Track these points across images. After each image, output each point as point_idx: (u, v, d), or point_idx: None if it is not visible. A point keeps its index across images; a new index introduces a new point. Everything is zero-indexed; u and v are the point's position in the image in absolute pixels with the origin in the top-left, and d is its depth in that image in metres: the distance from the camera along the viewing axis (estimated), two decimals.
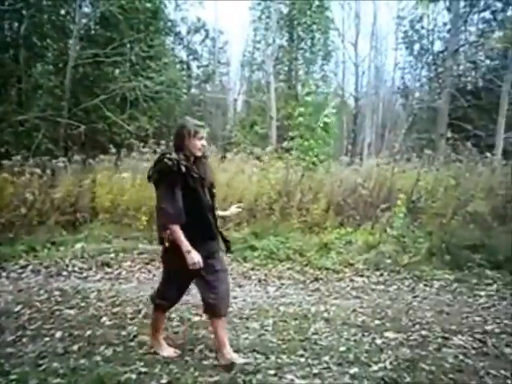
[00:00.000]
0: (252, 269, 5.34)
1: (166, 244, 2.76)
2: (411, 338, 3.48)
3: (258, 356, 3.14)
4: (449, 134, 9.11)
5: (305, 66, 19.34)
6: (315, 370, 2.96)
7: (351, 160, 8.88)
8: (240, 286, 4.83)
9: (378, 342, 3.40)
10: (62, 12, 12.81)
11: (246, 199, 6.68)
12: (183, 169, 2.68)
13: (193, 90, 19.85)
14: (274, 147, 9.03)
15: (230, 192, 6.81)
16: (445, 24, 19.02)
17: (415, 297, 4.49)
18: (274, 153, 8.22)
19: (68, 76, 11.31)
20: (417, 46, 20.32)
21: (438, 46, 19.67)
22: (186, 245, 2.68)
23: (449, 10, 17.93)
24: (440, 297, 4.49)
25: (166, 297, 3.03)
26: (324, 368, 2.98)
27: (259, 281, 5.01)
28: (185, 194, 2.71)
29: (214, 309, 2.89)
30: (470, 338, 3.50)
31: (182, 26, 19.79)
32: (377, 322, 3.79)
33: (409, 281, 4.96)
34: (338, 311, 4.04)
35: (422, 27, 20.03)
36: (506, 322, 3.84)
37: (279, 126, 13.79)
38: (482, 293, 4.60)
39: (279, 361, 3.08)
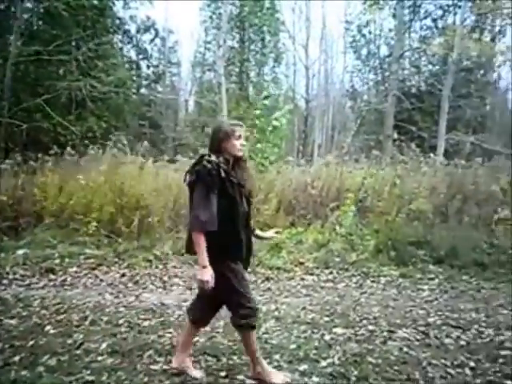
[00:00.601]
0: None
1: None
2: (359, 332, 3.59)
3: (209, 358, 3.12)
4: (395, 136, 9.49)
5: (256, 67, 19.49)
6: None
7: (301, 161, 9.03)
8: (190, 289, 4.76)
9: (327, 338, 3.48)
10: (2, 7, 12.19)
11: None
12: (223, 173, 2.49)
13: (142, 90, 19.48)
14: None
15: (183, 195, 6.72)
16: (390, 30, 19.82)
17: (363, 293, 4.63)
18: None
19: (8, 73, 10.76)
20: (364, 51, 21.04)
21: (384, 50, 20.47)
22: (203, 258, 2.46)
23: (394, 16, 18.68)
24: (386, 292, 4.65)
25: (201, 312, 2.84)
26: (275, 366, 3.00)
27: None
28: (221, 201, 2.50)
29: (248, 321, 2.68)
30: (414, 331, 3.65)
31: (131, 25, 19.38)
32: (326, 318, 3.87)
33: (357, 277, 5.11)
34: (288, 309, 4.09)
35: (369, 32, 20.77)
36: (447, 314, 4.04)
37: None
38: (425, 287, 4.82)
39: (230, 362, 3.08)
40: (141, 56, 20.13)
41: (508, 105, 23.96)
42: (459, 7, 16.85)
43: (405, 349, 3.32)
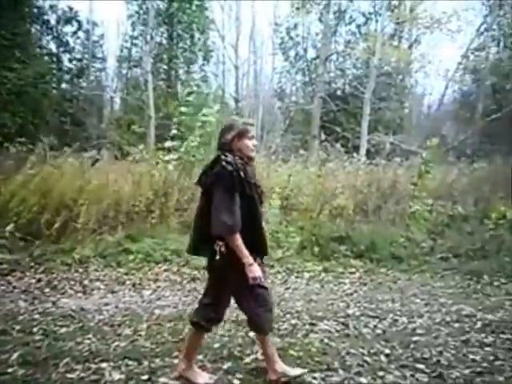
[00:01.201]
0: (126, 273, 5.12)
1: (217, 257, 2.44)
2: (282, 327, 3.66)
3: (130, 362, 3.03)
4: (321, 136, 9.80)
5: (185, 65, 19.22)
6: None
7: None
8: (113, 292, 4.60)
9: (251, 334, 3.49)
10: None
11: (124, 201, 6.40)
12: (242, 173, 2.43)
13: (64, 85, 18.43)
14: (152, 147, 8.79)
15: (105, 193, 6.45)
16: (317, 34, 20.44)
17: (287, 288, 4.73)
18: (153, 152, 8.02)
19: None
20: (292, 53, 21.52)
21: (311, 53, 21.07)
22: (248, 257, 2.40)
23: (320, 20, 19.31)
24: (309, 286, 4.79)
25: (210, 315, 2.70)
26: (199, 367, 2.97)
27: (134, 285, 4.82)
28: (242, 201, 2.43)
29: (264, 324, 2.64)
30: (334, 322, 3.80)
31: (50, 15, 18.25)
32: None
33: (282, 274, 5.21)
34: None
35: (297, 35, 21.25)
36: (365, 305, 4.25)
37: (158, 126, 13.48)
38: (347, 280, 5.03)
39: (152, 365, 3.00)
40: (62, 48, 19.02)
41: (423, 108, 25.75)
42: (380, 15, 17.78)
43: (325, 340, 3.43)
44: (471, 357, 3.24)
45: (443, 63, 36.38)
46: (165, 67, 18.86)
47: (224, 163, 2.42)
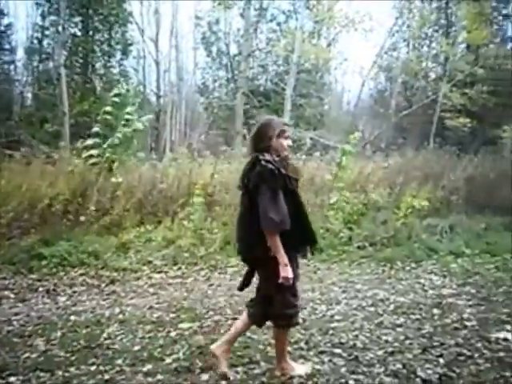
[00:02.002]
0: (39, 280, 4.80)
1: (272, 253, 2.48)
2: (205, 324, 3.63)
3: (42, 374, 2.85)
4: (244, 132, 9.85)
5: (102, 58, 18.34)
6: (106, 376, 2.84)
7: (152, 156, 8.82)
8: (24, 301, 4.29)
9: (173, 334, 3.45)
10: None
11: (39, 202, 6.00)
12: (283, 170, 2.48)
13: None
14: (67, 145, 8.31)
15: (17, 194, 6.01)
16: (239, 30, 20.52)
17: (210, 285, 4.71)
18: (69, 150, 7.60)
19: None
20: (214, 48, 21.42)
21: (233, 49, 21.11)
22: (284, 256, 2.45)
23: (242, 16, 19.40)
24: (233, 282, 4.79)
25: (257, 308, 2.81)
26: (116, 372, 2.87)
27: (47, 292, 4.53)
28: (285, 197, 2.48)
29: (291, 319, 2.70)
30: None
31: None
32: (172, 315, 3.83)
33: (205, 271, 5.18)
34: (133, 311, 3.95)
35: (219, 30, 21.19)
36: None
37: (74, 123, 12.75)
38: None
39: (67, 374, 2.85)
40: None
41: (343, 104, 26.93)
42: (299, 13, 18.27)
43: (248, 333, 3.45)
44: (384, 338, 3.43)
45: (360, 61, 38.26)
46: (80, 60, 17.86)
47: (264, 162, 2.46)
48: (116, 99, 8.85)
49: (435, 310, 4.04)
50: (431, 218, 7.10)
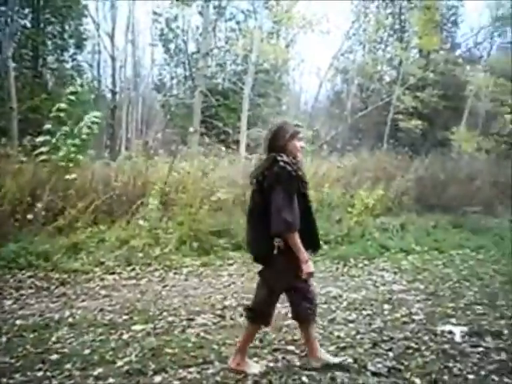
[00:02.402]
0: None
1: (275, 251, 2.58)
2: (158, 326, 3.58)
3: None
4: (202, 130, 9.79)
5: (54, 52, 17.60)
6: (55, 382, 2.75)
7: (106, 154, 8.59)
8: None
9: (125, 336, 3.37)
10: None
11: None
12: (299, 172, 2.57)
13: None
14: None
15: None
16: (197, 27, 20.31)
17: (165, 286, 4.64)
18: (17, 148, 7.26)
19: None
20: (172, 45, 21.08)
21: (191, 47, 20.87)
22: (305, 252, 2.56)
23: (201, 14, 19.20)
24: (187, 282, 4.76)
25: (264, 311, 2.86)
26: (65, 376, 2.78)
27: None
28: (299, 199, 2.57)
29: (311, 314, 2.85)
30: (212, 315, 3.82)
31: None
32: (125, 317, 3.75)
33: (159, 271, 5.09)
34: (84, 313, 3.83)
35: (178, 27, 20.88)
36: (242, 295, 4.34)
37: (23, 119, 12.17)
38: (225, 273, 5.10)
39: (11, 382, 2.73)
40: None
41: (300, 105, 27.26)
42: (258, 13, 18.28)
43: (202, 334, 3.45)
44: (336, 334, 3.51)
45: (317, 63, 38.91)
46: (30, 53, 17.06)
47: (282, 163, 2.52)
48: (72, 97, 8.54)
49: (386, 306, 4.18)
50: (384, 216, 7.34)
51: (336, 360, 2.98)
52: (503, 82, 16.05)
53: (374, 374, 2.92)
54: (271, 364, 2.98)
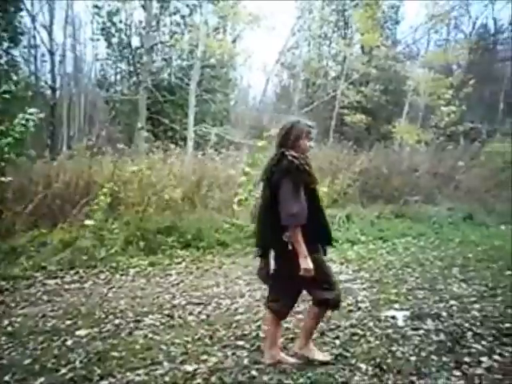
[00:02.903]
0: None
1: (290, 247, 2.61)
2: (104, 329, 3.48)
3: None
4: (148, 127, 9.57)
5: None
6: None
7: (48, 154, 8.17)
8: None
9: (69, 342, 3.25)
10: None
11: None
12: (307, 167, 2.60)
13: None
14: None
15: None
16: (141, 22, 19.77)
17: (111, 288, 4.50)
18: None
19: None
20: (115, 39, 20.40)
21: (136, 41, 20.28)
22: (304, 249, 2.59)
23: (144, 8, 18.70)
24: (135, 283, 4.65)
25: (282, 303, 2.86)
26: None
27: None
28: (307, 194, 2.61)
29: (337, 301, 2.87)
30: (160, 315, 3.76)
31: None
32: (68, 322, 3.61)
33: (105, 273, 4.93)
34: (24, 321, 3.65)
35: (120, 21, 20.22)
36: (191, 293, 4.31)
37: None
38: (173, 271, 5.02)
39: None
40: None
41: (249, 100, 27.34)
42: (204, 7, 18.07)
43: (150, 335, 3.38)
44: (285, 325, 3.55)
45: (264, 58, 39.06)
46: None
47: (290, 157, 2.58)
48: (6, 95, 8.08)
49: None
50: (330, 209, 7.50)
51: (321, 357, 2.97)
52: (439, 76, 16.88)
53: (321, 362, 2.98)
54: (222, 360, 2.98)
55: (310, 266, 2.60)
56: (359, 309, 3.96)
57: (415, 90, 17.77)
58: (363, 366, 2.91)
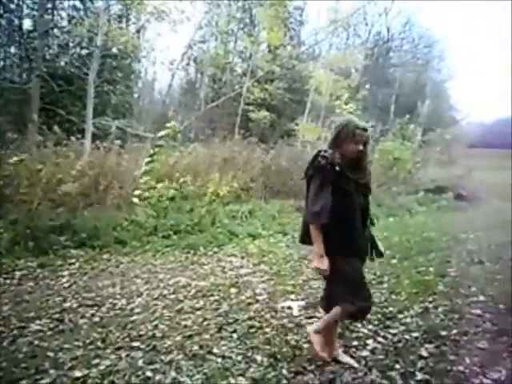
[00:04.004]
0: None
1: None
2: None
3: None
4: (41, 119, 8.84)
5: None
6: None
7: None
8: None
9: None
10: None
11: None
12: (337, 167, 2.55)
13: None
14: None
15: None
16: (35, 3, 18.20)
17: None
18: None
19: None
20: (3, 21, 18.58)
21: (28, 24, 18.63)
22: (320, 248, 2.61)
23: None
24: (21, 287, 4.28)
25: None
26: None
27: None
28: (337, 196, 2.56)
29: (358, 315, 2.79)
30: (48, 320, 3.52)
31: None
32: None
33: None
34: None
35: (10, 1, 18.46)
36: (84, 295, 4.08)
37: None
38: (66, 273, 4.70)
39: None
40: None
41: (154, 94, 26.56)
42: None
43: (36, 342, 3.15)
44: (183, 323, 3.54)
45: (170, 52, 38.25)
46: None
47: (320, 158, 2.59)
48: None
49: (232, 290, 4.35)
50: (233, 204, 7.60)
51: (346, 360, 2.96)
52: (338, 78, 17.89)
53: (219, 356, 3.02)
54: (116, 363, 2.88)
55: (323, 265, 2.62)
56: (257, 301, 4.06)
57: (317, 90, 18.63)
58: (259, 358, 3.00)
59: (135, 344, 3.16)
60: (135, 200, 6.58)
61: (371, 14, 26.92)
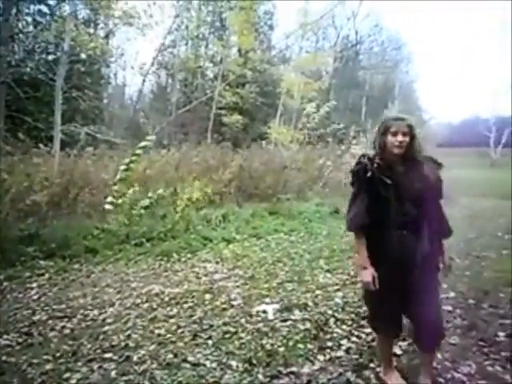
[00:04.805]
0: None
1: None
2: None
3: None
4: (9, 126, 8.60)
5: None
6: None
7: None
8: None
9: None
10: None
11: None
12: (369, 173, 2.39)
13: None
14: None
15: None
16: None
17: None
18: None
19: None
20: None
21: None
22: (363, 258, 2.43)
23: None
24: None
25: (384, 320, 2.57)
26: None
27: None
28: (374, 202, 2.39)
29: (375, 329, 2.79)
30: (16, 335, 3.41)
31: None
32: None
33: None
34: None
35: None
36: (54, 307, 3.98)
37: None
38: (34, 284, 4.57)
39: None
40: None
41: (125, 99, 26.22)
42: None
43: (4, 357, 3.05)
44: (157, 332, 3.48)
45: (140, 57, 37.92)
46: None
47: (358, 161, 2.49)
48: None
49: (207, 296, 4.30)
50: (207, 209, 7.55)
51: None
52: (309, 80, 18.09)
53: (193, 364, 2.98)
54: (88, 375, 2.81)
55: (365, 278, 2.40)
56: (232, 306, 4.03)
57: (288, 93, 18.77)
58: (234, 363, 2.98)
59: (108, 355, 3.10)
60: (108, 207, 6.44)
61: (340, 17, 27.43)
